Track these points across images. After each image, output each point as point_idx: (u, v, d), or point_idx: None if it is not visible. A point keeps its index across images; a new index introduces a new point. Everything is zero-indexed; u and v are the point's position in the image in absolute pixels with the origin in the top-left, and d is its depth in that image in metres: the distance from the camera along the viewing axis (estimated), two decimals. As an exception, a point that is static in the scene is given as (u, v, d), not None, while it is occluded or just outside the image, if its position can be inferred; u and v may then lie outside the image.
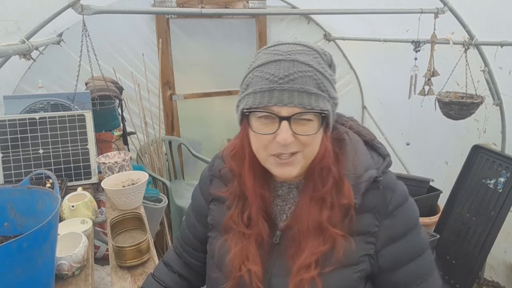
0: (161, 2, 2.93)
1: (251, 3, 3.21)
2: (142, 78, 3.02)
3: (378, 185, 0.73)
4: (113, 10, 1.94)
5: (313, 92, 0.64)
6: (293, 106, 0.64)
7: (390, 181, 0.75)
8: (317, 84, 0.65)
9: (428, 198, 2.75)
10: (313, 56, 0.67)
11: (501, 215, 2.30)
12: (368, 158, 0.75)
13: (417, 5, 2.20)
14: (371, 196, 0.72)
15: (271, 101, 0.64)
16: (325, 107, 0.66)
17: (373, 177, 0.72)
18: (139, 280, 1.18)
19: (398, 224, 0.74)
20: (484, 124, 2.61)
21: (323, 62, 0.68)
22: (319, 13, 2.99)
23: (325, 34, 3.54)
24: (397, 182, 0.76)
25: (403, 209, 0.74)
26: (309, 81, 0.64)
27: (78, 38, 1.89)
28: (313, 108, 0.65)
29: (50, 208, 0.97)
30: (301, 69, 0.64)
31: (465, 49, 2.30)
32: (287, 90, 0.64)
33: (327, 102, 0.67)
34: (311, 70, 0.65)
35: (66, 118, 1.80)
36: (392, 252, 0.74)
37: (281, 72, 0.64)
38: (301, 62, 0.65)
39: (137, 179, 1.68)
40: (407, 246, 0.74)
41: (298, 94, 0.64)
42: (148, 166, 3.02)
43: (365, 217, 0.73)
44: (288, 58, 0.65)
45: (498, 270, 2.78)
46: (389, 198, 0.73)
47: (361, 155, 0.74)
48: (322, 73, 0.66)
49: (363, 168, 0.73)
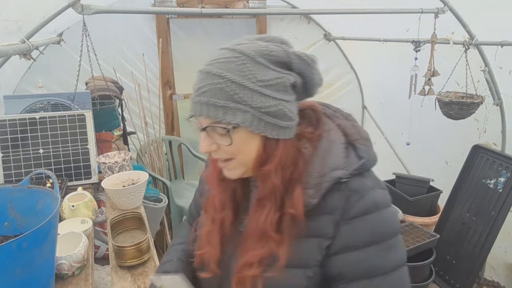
0: (161, 2, 2.93)
1: (251, 3, 3.21)
2: (142, 78, 3.02)
3: (342, 186, 0.67)
4: (113, 10, 1.94)
5: (220, 105, 0.64)
6: (206, 117, 0.66)
7: (360, 185, 0.68)
8: (229, 96, 0.64)
9: (428, 198, 2.75)
10: (236, 64, 0.65)
11: (501, 215, 2.30)
12: (339, 158, 0.69)
13: (417, 5, 2.20)
14: (333, 198, 0.68)
15: (193, 110, 0.68)
16: (234, 120, 0.64)
17: (336, 178, 0.67)
18: (139, 279, 1.18)
19: (358, 233, 0.67)
20: (484, 124, 2.61)
21: (252, 68, 0.65)
22: (319, 13, 2.99)
23: (325, 34, 3.53)
24: (370, 189, 0.69)
25: (370, 218, 0.67)
26: (219, 94, 0.64)
27: (78, 38, 1.89)
28: (220, 121, 0.65)
29: (50, 208, 0.97)
30: (212, 81, 0.65)
31: (465, 49, 2.30)
32: (199, 102, 0.66)
33: (242, 113, 0.64)
34: (223, 82, 0.64)
35: (66, 118, 1.80)
36: (344, 262, 0.68)
37: (197, 84, 0.67)
38: (213, 74, 0.65)
39: (137, 179, 1.68)
40: (364, 260, 0.67)
41: (207, 106, 0.65)
42: (148, 166, 3.02)
43: (323, 219, 0.68)
44: (205, 69, 0.67)
45: (498, 270, 2.78)
46: (353, 202, 0.67)
47: (333, 155, 0.70)
48: (240, 83, 0.64)
49: (330, 168, 0.68)
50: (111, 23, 2.81)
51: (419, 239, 2.32)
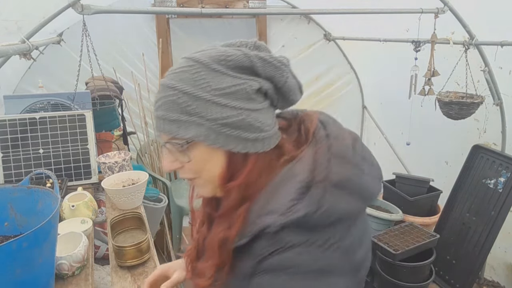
0: (161, 2, 2.93)
1: (251, 3, 3.21)
2: (142, 78, 3.02)
3: (270, 235, 0.56)
4: (113, 10, 1.94)
5: (173, 119, 0.59)
6: (164, 133, 0.62)
7: (289, 240, 0.55)
8: (181, 109, 0.59)
9: (428, 198, 2.75)
10: (190, 73, 0.60)
11: (501, 215, 2.30)
12: (283, 200, 0.56)
13: (417, 5, 2.20)
14: (260, 243, 0.57)
15: (156, 127, 0.64)
16: (187, 135, 0.59)
17: (265, 225, 0.56)
18: (139, 279, 1.18)
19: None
20: (484, 124, 2.61)
21: (207, 77, 0.59)
22: (319, 13, 2.99)
23: (325, 34, 3.53)
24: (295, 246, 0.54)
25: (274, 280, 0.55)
26: (172, 107, 0.59)
27: (78, 38, 1.90)
28: (175, 137, 0.60)
29: (50, 208, 0.97)
30: (166, 94, 0.60)
31: (465, 49, 2.29)
32: (156, 117, 0.63)
33: (196, 126, 0.59)
34: (175, 94, 0.59)
35: (66, 118, 1.80)
36: None
37: (156, 97, 0.63)
38: (166, 86, 0.61)
39: (137, 178, 1.68)
40: None
41: (163, 121, 0.61)
42: (148, 166, 3.02)
43: (246, 261, 0.59)
44: (161, 81, 0.63)
45: (498, 270, 2.78)
46: (271, 254, 0.56)
47: (282, 191, 0.58)
48: (192, 93, 0.58)
49: (267, 209, 0.58)
50: (111, 23, 2.81)
51: (419, 239, 2.32)
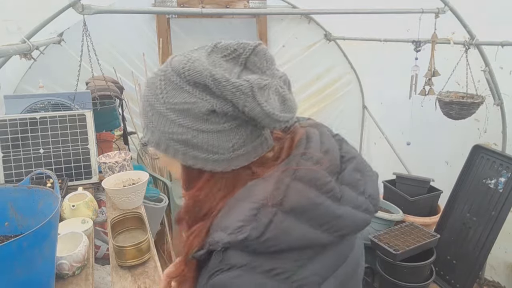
0: (162, 2, 2.93)
1: (252, 3, 3.21)
2: (142, 78, 3.02)
3: (218, 252, 0.54)
4: (113, 10, 1.94)
5: (143, 123, 0.63)
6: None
7: (229, 260, 0.53)
8: (145, 113, 0.62)
9: (429, 198, 2.75)
10: (156, 81, 0.60)
11: (501, 215, 2.30)
12: (235, 219, 0.54)
13: (418, 5, 2.20)
14: (211, 259, 0.56)
15: None
16: (145, 137, 0.63)
17: (214, 241, 0.54)
18: (139, 279, 1.18)
19: None
20: (485, 124, 2.61)
21: (166, 88, 0.58)
22: (319, 13, 2.99)
23: (325, 34, 3.53)
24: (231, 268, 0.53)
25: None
26: (141, 112, 0.63)
27: (79, 38, 1.90)
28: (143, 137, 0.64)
29: (50, 207, 0.97)
30: (141, 99, 0.64)
31: (465, 49, 2.29)
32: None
33: (151, 132, 0.61)
34: (142, 101, 0.62)
35: (67, 118, 1.80)
36: None
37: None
38: (143, 92, 0.64)
39: (137, 178, 1.68)
40: None
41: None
42: (148, 166, 3.02)
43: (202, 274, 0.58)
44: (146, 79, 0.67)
45: (499, 270, 2.78)
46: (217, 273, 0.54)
47: (234, 210, 0.56)
48: (150, 102, 0.60)
49: (219, 226, 0.56)
50: (112, 23, 2.81)
51: (420, 239, 2.32)
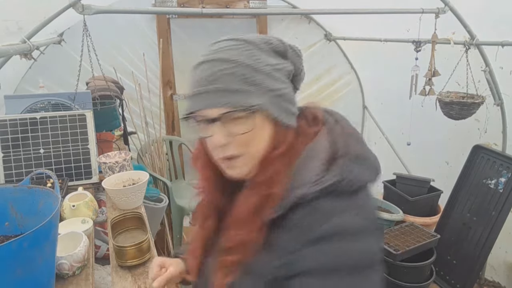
0: (162, 2, 2.93)
1: (252, 3, 3.21)
2: (143, 78, 3.02)
3: (307, 205, 0.61)
4: (114, 10, 1.94)
5: (237, 89, 0.62)
6: (220, 106, 0.63)
7: (330, 206, 0.61)
8: (242, 80, 0.62)
9: (429, 198, 2.75)
10: (243, 50, 0.64)
11: (501, 215, 2.30)
12: (313, 173, 0.62)
13: (418, 5, 2.20)
14: (298, 214, 0.62)
15: (200, 104, 0.65)
16: (253, 102, 0.62)
17: (300, 195, 0.61)
18: (139, 279, 1.18)
19: (321, 258, 0.60)
20: (485, 124, 2.61)
21: (258, 54, 0.64)
22: (320, 13, 2.99)
23: (326, 34, 3.53)
24: (342, 212, 0.61)
25: (334, 245, 0.59)
26: (232, 78, 0.62)
27: (79, 38, 1.90)
28: (240, 106, 0.62)
29: (50, 207, 0.97)
30: (222, 67, 0.62)
31: (466, 49, 2.29)
32: (211, 91, 0.63)
33: (259, 96, 0.63)
34: (233, 67, 0.62)
35: (67, 118, 1.80)
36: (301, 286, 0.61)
37: (204, 74, 0.64)
38: (222, 60, 0.63)
39: (137, 178, 1.68)
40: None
41: (222, 93, 0.62)
42: (148, 166, 3.02)
43: (285, 235, 0.63)
44: (210, 58, 0.65)
45: (499, 270, 2.78)
46: (319, 225, 0.60)
47: (308, 168, 0.64)
48: (252, 66, 0.63)
49: (300, 181, 0.63)
50: (112, 23, 2.81)
51: (420, 239, 2.31)
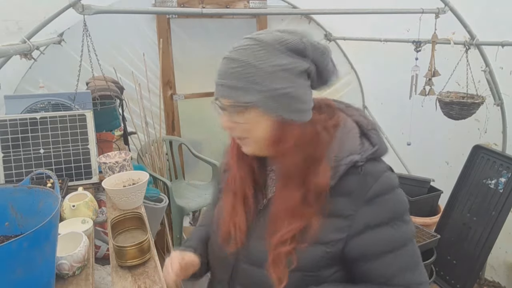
0: (162, 2, 2.93)
1: (252, 3, 3.21)
2: (143, 78, 3.02)
3: (358, 170, 0.74)
4: (114, 10, 1.94)
5: (239, 87, 0.72)
6: (226, 98, 0.75)
7: (375, 169, 0.76)
8: (245, 79, 0.72)
9: (429, 198, 2.75)
10: (253, 50, 0.72)
11: (502, 216, 2.30)
12: (355, 144, 0.76)
13: (418, 5, 2.20)
14: (350, 180, 0.74)
15: (217, 94, 0.77)
16: (248, 100, 0.72)
17: (353, 162, 0.74)
18: (139, 279, 1.18)
19: (377, 212, 0.74)
20: (485, 124, 2.61)
21: (267, 54, 0.71)
22: (320, 13, 2.99)
23: (326, 34, 3.53)
24: (384, 172, 0.77)
25: (386, 199, 0.75)
26: (237, 76, 0.72)
27: (79, 38, 1.90)
28: (238, 101, 0.73)
29: (50, 207, 0.97)
30: (232, 66, 0.73)
31: (466, 49, 2.29)
32: (223, 85, 0.75)
33: (255, 94, 0.72)
34: (240, 66, 0.72)
35: (67, 118, 1.80)
36: (367, 242, 0.74)
37: (222, 69, 0.75)
38: (234, 59, 0.73)
39: (137, 179, 1.68)
40: (386, 236, 0.74)
41: (228, 88, 0.74)
42: (148, 166, 3.02)
43: (341, 200, 0.75)
44: (227, 55, 0.75)
45: (499, 270, 2.78)
46: (370, 185, 0.74)
47: (349, 141, 0.77)
48: (256, 66, 0.71)
49: (347, 152, 0.75)
50: (112, 23, 2.80)
51: (420, 240, 2.31)
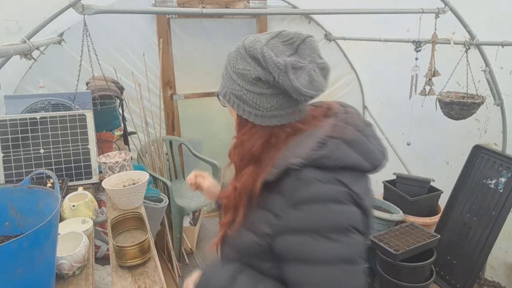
0: (162, 2, 2.93)
1: (252, 3, 3.21)
2: (143, 78, 3.02)
3: (293, 173, 0.74)
4: (114, 10, 1.94)
5: (221, 80, 0.86)
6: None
7: (310, 176, 0.73)
8: (222, 75, 0.85)
9: (429, 198, 2.75)
10: (234, 51, 0.82)
11: (501, 216, 2.30)
12: (307, 149, 0.75)
13: (418, 5, 2.20)
14: (286, 181, 0.76)
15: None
16: (219, 91, 0.86)
17: (289, 163, 0.74)
18: (139, 279, 1.18)
19: (299, 219, 0.73)
20: (485, 124, 2.61)
21: (236, 57, 0.80)
22: (320, 13, 2.99)
23: (326, 34, 3.53)
24: (318, 181, 0.73)
25: (310, 208, 0.72)
26: (223, 72, 0.85)
27: (79, 38, 1.90)
28: (218, 91, 0.88)
29: (50, 207, 0.97)
30: (224, 66, 0.86)
31: (466, 49, 2.29)
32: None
33: (222, 87, 0.85)
34: (225, 65, 0.84)
35: (67, 118, 1.80)
36: (282, 243, 0.76)
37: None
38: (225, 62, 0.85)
39: (137, 179, 1.68)
40: (297, 244, 0.73)
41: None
42: (148, 166, 3.02)
43: (276, 197, 0.77)
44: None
45: (499, 270, 2.78)
46: (299, 190, 0.74)
47: (303, 144, 0.77)
48: (225, 65, 0.84)
49: (293, 155, 0.76)
50: (112, 23, 2.81)
51: (420, 239, 2.31)
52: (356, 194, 0.75)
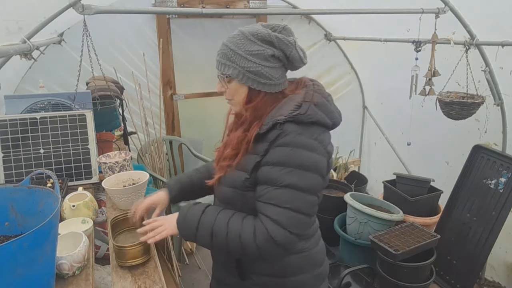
0: (162, 2, 2.93)
1: (252, 3, 3.21)
2: (143, 78, 3.02)
3: (278, 126, 1.02)
4: (114, 10, 1.93)
5: (223, 63, 1.07)
6: (217, 69, 1.10)
7: (289, 128, 1.02)
8: (227, 58, 1.06)
9: (429, 198, 2.74)
10: (236, 39, 1.06)
11: (502, 216, 2.30)
12: (288, 109, 1.04)
13: (418, 5, 2.20)
14: (272, 132, 1.03)
15: (216, 66, 1.11)
16: (227, 72, 1.07)
17: (276, 120, 1.02)
18: (139, 279, 1.18)
19: (275, 155, 1.02)
20: (485, 124, 2.61)
21: (245, 43, 1.04)
22: (320, 13, 2.99)
23: (326, 34, 3.54)
24: (297, 133, 1.01)
25: (285, 149, 1.01)
26: (223, 56, 1.07)
27: (79, 38, 1.90)
28: (223, 73, 1.08)
29: (50, 207, 0.97)
30: (222, 48, 1.08)
31: (466, 49, 2.29)
32: (216, 60, 1.10)
33: (233, 69, 1.06)
34: (226, 49, 1.06)
35: (67, 118, 1.80)
36: (261, 171, 1.05)
37: (219, 49, 1.09)
38: (224, 44, 1.07)
39: (137, 179, 1.68)
40: (268, 172, 1.03)
41: (218, 62, 1.09)
42: (148, 166, 3.02)
43: (263, 144, 1.05)
44: (223, 41, 1.09)
45: (499, 270, 2.78)
46: (280, 137, 1.02)
47: (286, 106, 1.06)
48: (234, 50, 1.05)
49: (278, 114, 1.04)
50: (112, 23, 2.81)
51: (420, 240, 2.31)
52: (322, 141, 1.05)
